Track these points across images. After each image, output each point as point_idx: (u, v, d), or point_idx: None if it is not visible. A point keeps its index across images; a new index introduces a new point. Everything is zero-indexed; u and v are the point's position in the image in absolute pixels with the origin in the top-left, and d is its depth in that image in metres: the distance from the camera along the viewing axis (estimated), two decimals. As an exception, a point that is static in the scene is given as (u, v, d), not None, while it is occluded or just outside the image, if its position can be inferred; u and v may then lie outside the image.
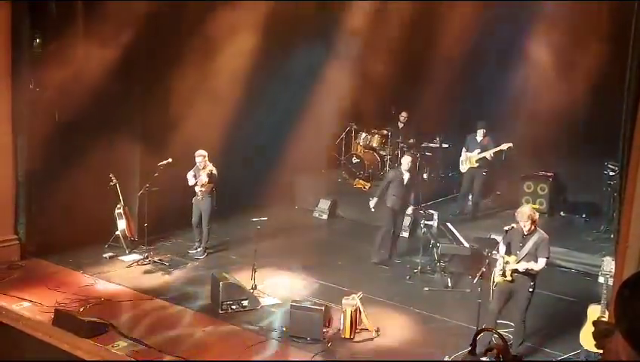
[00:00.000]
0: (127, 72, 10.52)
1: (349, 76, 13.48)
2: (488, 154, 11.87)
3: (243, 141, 11.99)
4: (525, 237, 7.41)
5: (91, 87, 10.16)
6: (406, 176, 10.36)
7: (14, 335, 8.79)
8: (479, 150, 12.00)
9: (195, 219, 10.75)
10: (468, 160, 12.18)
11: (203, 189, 10.43)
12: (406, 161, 10.48)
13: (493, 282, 7.67)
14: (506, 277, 7.43)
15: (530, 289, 7.40)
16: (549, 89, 12.02)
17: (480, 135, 12.07)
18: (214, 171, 10.38)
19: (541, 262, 7.35)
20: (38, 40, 9.87)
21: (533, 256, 7.36)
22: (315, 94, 12.95)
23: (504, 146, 11.78)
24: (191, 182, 10.43)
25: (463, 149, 12.31)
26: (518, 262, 7.36)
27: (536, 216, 7.53)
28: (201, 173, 10.34)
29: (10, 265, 9.84)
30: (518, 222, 7.43)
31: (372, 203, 10.53)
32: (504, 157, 12.22)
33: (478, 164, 12.06)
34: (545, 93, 12.15)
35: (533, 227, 7.39)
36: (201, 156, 10.29)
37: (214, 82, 11.32)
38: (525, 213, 7.42)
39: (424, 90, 13.01)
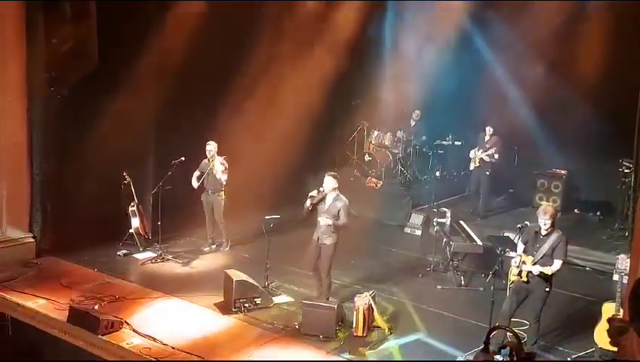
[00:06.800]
0: (142, 70, 10.55)
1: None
2: (486, 155, 11.88)
3: (251, 140, 12.02)
4: (543, 238, 7.34)
5: (106, 86, 10.23)
6: (328, 200, 8.47)
7: (30, 331, 8.89)
8: (482, 150, 12.02)
9: (209, 216, 10.81)
10: (474, 159, 12.21)
11: (222, 179, 10.46)
12: (326, 181, 8.42)
13: (510, 281, 7.65)
14: (521, 277, 7.39)
15: (547, 289, 7.35)
16: (565, 86, 11.95)
17: (487, 135, 12.06)
18: (225, 163, 10.49)
19: (556, 264, 7.28)
20: (53, 40, 9.93)
21: (549, 257, 7.29)
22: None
23: (487, 152, 11.81)
24: (195, 184, 10.52)
25: (476, 147, 12.32)
26: (534, 264, 7.30)
27: (557, 215, 7.47)
28: (214, 163, 10.42)
29: (26, 263, 9.92)
30: (538, 219, 7.37)
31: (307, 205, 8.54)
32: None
33: (479, 164, 12.07)
34: (560, 91, 12.07)
35: (552, 227, 7.31)
36: (211, 145, 10.45)
37: (224, 82, 11.34)
38: (549, 209, 7.39)
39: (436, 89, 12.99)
